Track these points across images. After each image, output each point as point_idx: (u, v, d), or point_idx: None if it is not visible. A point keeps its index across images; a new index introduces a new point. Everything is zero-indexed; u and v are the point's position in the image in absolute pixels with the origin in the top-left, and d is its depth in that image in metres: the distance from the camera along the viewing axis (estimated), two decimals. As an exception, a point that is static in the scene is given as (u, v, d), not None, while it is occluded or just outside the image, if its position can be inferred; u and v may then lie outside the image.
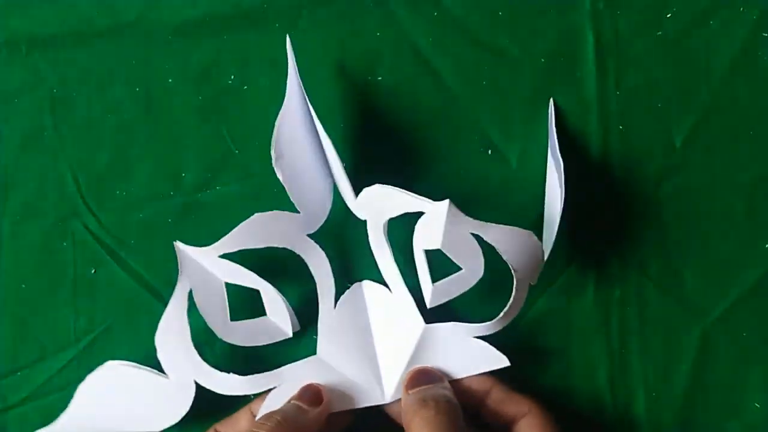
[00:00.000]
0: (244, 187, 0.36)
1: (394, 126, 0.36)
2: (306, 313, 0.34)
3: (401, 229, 0.32)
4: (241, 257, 0.32)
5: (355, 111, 0.36)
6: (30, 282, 0.36)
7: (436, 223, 0.30)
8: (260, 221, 0.32)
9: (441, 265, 0.31)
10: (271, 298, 0.33)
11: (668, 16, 0.35)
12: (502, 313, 0.31)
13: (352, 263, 0.35)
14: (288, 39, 0.33)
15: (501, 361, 0.32)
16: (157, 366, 0.32)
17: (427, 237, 0.30)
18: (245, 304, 0.34)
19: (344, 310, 0.34)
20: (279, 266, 0.34)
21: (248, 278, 0.33)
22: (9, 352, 0.36)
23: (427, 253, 0.31)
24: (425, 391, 0.31)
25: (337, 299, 0.34)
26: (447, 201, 0.29)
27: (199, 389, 0.32)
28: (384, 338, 0.33)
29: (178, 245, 0.32)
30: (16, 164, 0.36)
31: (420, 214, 0.31)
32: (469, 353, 0.32)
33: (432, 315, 0.32)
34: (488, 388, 0.32)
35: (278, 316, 0.33)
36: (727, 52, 0.35)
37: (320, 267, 0.33)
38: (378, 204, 0.32)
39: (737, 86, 0.35)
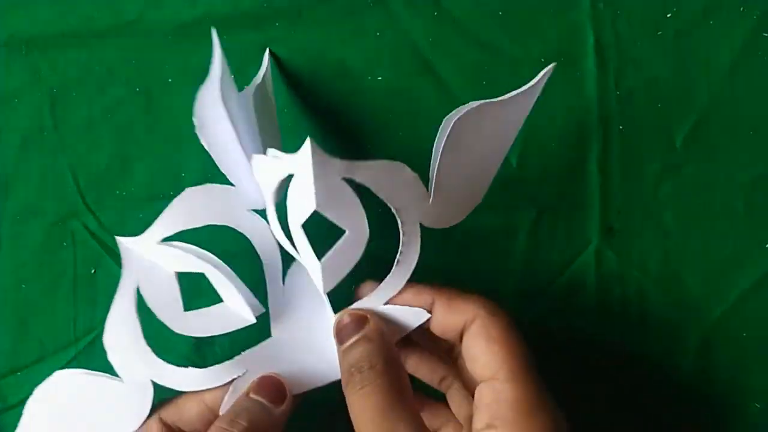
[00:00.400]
0: (244, 187, 0.36)
1: (394, 126, 0.36)
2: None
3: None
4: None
5: (355, 111, 0.36)
6: (30, 282, 0.36)
7: (304, 178, 0.27)
8: (193, 196, 0.30)
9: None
10: (223, 281, 0.30)
11: (668, 16, 0.35)
12: (396, 262, 0.30)
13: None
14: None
15: (421, 316, 0.30)
16: None
17: (300, 204, 0.27)
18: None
19: (293, 285, 0.32)
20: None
21: (195, 261, 0.30)
22: (9, 352, 0.36)
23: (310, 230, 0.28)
24: (349, 355, 0.29)
25: (285, 275, 0.32)
26: (307, 140, 0.26)
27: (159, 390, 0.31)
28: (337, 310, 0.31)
29: (119, 239, 0.30)
30: (16, 164, 0.36)
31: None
32: (390, 320, 0.30)
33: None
34: (429, 303, 0.30)
35: (235, 301, 0.31)
36: (727, 52, 0.35)
37: (264, 243, 0.31)
38: (263, 179, 0.30)
39: (737, 86, 0.35)
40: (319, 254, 0.28)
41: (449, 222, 0.30)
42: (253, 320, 0.30)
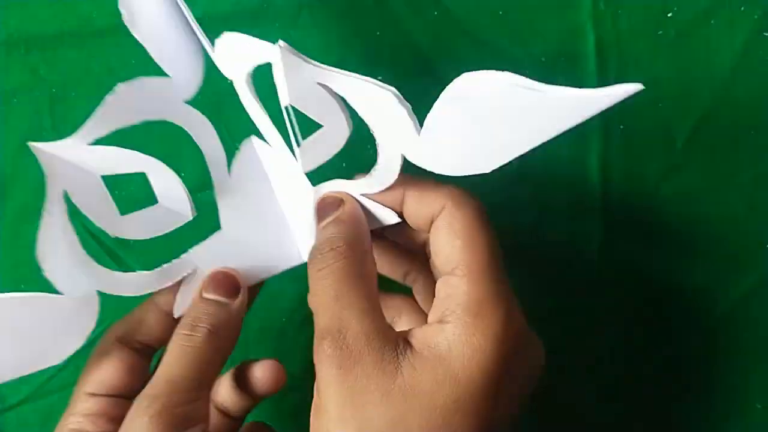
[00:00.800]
0: (244, 187, 0.36)
1: (394, 126, 0.36)
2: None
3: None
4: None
5: (355, 111, 0.36)
6: (30, 282, 0.36)
7: (277, 74, 0.26)
8: (127, 92, 0.28)
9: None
10: (160, 177, 0.30)
11: (669, 15, 0.35)
12: (369, 174, 0.28)
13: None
14: None
15: (391, 218, 0.29)
16: None
17: (280, 92, 0.27)
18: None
19: (239, 173, 0.31)
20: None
21: (128, 161, 0.29)
22: (9, 352, 0.36)
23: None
24: (319, 236, 0.28)
25: (229, 164, 0.31)
26: (279, 44, 0.25)
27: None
28: (287, 194, 0.31)
29: (33, 145, 0.28)
30: (16, 164, 0.36)
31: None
32: (364, 210, 0.29)
33: None
34: (400, 197, 0.29)
35: (172, 198, 0.30)
36: (727, 52, 0.35)
37: (205, 133, 0.31)
38: (235, 57, 0.29)
39: (738, 86, 0.35)
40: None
41: (440, 168, 0.27)
42: (191, 217, 0.29)
